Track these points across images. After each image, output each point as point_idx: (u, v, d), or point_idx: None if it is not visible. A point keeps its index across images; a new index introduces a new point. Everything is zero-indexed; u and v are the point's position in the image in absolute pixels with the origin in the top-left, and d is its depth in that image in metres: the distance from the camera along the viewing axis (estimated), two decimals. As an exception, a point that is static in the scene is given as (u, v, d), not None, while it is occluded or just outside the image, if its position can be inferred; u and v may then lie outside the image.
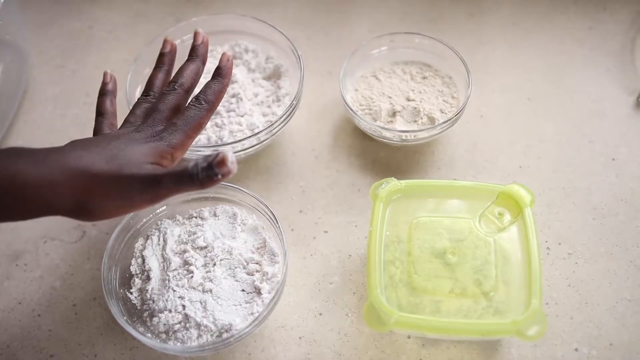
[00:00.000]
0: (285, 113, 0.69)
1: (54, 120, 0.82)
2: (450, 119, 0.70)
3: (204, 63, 0.63)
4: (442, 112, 0.73)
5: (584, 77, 0.81)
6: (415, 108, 0.73)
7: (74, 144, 0.53)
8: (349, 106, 0.72)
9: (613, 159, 0.73)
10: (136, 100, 0.62)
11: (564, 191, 0.71)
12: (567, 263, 0.65)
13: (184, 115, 0.57)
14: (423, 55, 0.78)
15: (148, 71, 0.75)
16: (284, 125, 0.70)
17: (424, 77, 0.77)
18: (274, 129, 0.69)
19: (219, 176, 0.48)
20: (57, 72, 0.86)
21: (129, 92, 0.72)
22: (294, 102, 0.70)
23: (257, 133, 0.68)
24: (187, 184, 0.49)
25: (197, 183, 0.49)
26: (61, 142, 0.78)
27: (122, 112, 0.78)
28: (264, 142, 0.70)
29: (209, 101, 0.58)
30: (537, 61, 0.83)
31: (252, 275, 0.62)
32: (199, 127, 0.57)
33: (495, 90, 0.80)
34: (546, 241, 0.67)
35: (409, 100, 0.74)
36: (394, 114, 0.73)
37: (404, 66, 0.78)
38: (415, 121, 0.72)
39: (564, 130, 0.76)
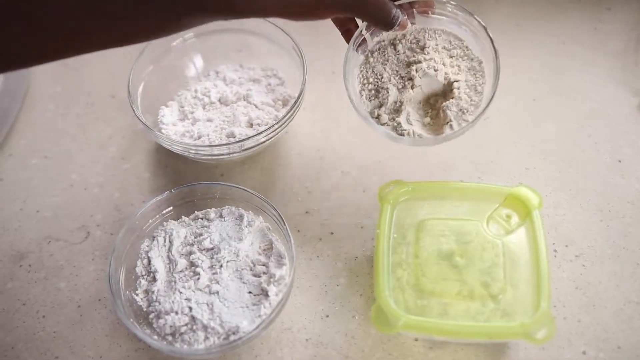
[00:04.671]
0: (287, 114, 0.69)
1: (56, 119, 0.81)
2: (470, 123, 0.60)
3: None
4: (460, 111, 0.61)
5: (587, 78, 0.81)
6: (435, 74, 0.61)
7: None
8: (349, 89, 0.62)
9: (619, 161, 0.73)
10: None
11: (570, 193, 0.71)
12: (574, 265, 0.65)
13: None
14: (457, 27, 0.63)
15: (150, 69, 0.76)
16: (285, 125, 0.70)
17: (450, 57, 0.63)
18: (276, 130, 0.69)
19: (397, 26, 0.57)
20: (59, 71, 0.86)
21: (132, 90, 0.72)
22: (296, 103, 0.69)
23: (259, 133, 0.67)
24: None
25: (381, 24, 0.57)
26: (63, 142, 0.79)
27: (123, 113, 0.78)
28: (265, 143, 0.69)
29: None
30: (540, 62, 0.83)
31: (259, 277, 0.62)
32: None
33: (499, 90, 0.80)
34: (553, 243, 0.67)
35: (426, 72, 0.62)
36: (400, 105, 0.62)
37: (430, 37, 0.63)
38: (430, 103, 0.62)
39: (569, 131, 0.76)
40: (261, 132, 0.67)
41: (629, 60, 0.82)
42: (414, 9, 0.61)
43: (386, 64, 0.63)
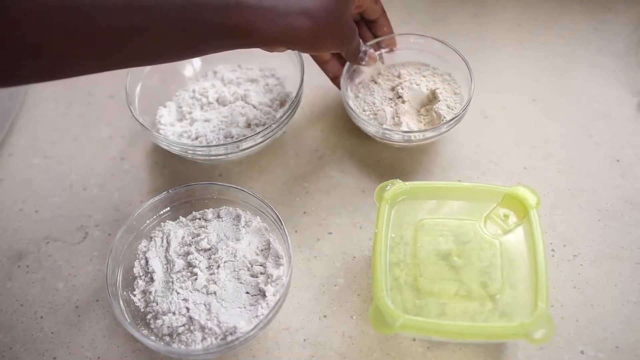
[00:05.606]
0: (285, 114, 0.69)
1: (57, 119, 0.81)
2: (458, 115, 0.68)
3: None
4: (449, 108, 0.71)
5: (589, 79, 0.81)
6: (418, 87, 0.72)
7: None
8: (353, 111, 0.71)
9: (618, 160, 0.73)
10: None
11: (569, 192, 0.70)
12: (572, 265, 0.65)
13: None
14: (419, 55, 0.77)
15: (148, 69, 0.75)
16: (283, 125, 0.69)
17: (423, 77, 0.75)
18: (273, 130, 0.68)
19: (363, 62, 0.70)
20: (59, 72, 0.86)
21: (129, 91, 0.72)
22: (293, 103, 0.69)
23: (256, 134, 0.67)
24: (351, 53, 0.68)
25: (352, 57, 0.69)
26: (64, 141, 0.79)
27: (123, 114, 0.78)
28: (263, 143, 0.69)
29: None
30: (542, 62, 0.83)
31: (257, 277, 0.62)
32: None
33: (500, 91, 0.80)
34: (551, 243, 0.67)
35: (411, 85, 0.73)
36: (397, 114, 0.72)
37: (401, 67, 0.76)
38: (423, 105, 0.72)
39: (569, 131, 0.76)
40: (258, 133, 0.67)
41: (631, 61, 0.82)
42: (382, 49, 0.76)
43: (374, 94, 0.74)
